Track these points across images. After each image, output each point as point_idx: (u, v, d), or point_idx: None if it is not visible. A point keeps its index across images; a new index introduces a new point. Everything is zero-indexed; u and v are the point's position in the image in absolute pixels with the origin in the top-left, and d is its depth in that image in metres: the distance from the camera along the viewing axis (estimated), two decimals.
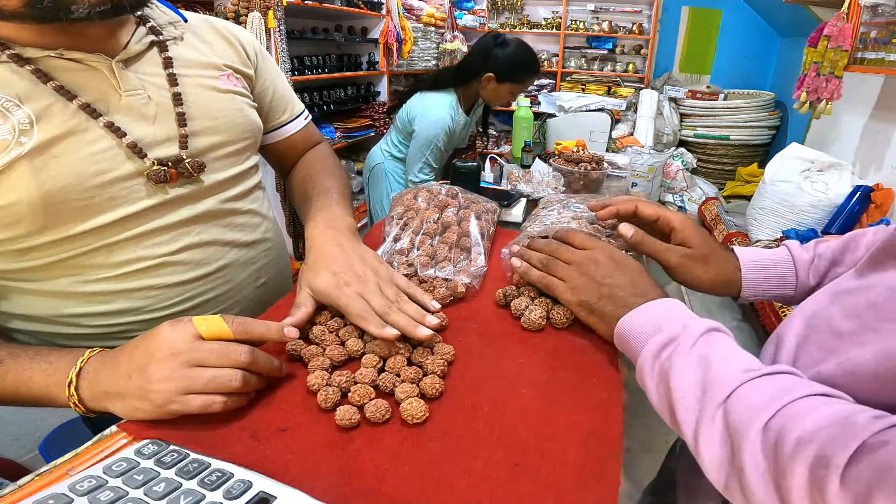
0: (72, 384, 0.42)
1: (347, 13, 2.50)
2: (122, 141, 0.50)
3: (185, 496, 0.33)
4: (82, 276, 0.52)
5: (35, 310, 0.54)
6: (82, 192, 0.48)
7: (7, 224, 0.46)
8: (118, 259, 0.53)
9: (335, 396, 0.42)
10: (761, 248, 0.59)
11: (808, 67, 2.02)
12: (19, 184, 0.44)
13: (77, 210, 0.48)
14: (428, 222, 0.70)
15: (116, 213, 0.51)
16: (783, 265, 0.57)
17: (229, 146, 0.61)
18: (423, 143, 1.51)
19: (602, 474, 0.37)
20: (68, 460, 0.38)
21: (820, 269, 0.56)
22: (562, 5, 3.99)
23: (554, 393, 0.45)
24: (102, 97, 0.50)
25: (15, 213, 0.46)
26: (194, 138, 0.57)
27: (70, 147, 0.47)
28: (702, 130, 3.57)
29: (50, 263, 0.50)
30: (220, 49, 0.64)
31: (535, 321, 0.54)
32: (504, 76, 1.50)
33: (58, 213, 0.47)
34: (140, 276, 0.55)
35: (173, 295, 0.57)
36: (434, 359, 0.47)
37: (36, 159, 0.45)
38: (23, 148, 0.44)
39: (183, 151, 0.55)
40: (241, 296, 0.65)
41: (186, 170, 0.55)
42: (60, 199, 0.47)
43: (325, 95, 2.56)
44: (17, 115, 0.45)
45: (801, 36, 2.59)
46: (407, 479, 0.36)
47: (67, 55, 0.47)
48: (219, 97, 0.60)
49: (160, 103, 0.54)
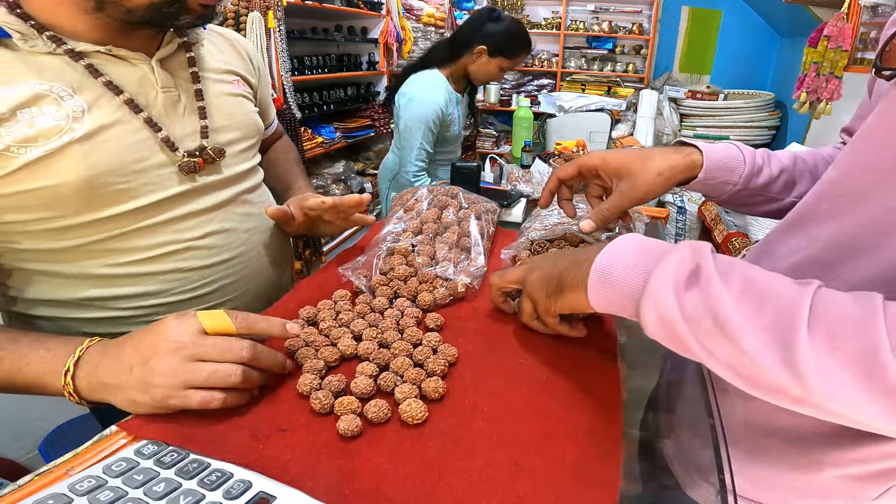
0: (68, 373, 0.42)
1: (347, 13, 2.50)
2: (158, 135, 0.55)
3: (185, 496, 0.33)
4: (112, 259, 0.56)
5: (61, 294, 0.56)
6: (122, 177, 0.53)
7: (49, 204, 0.50)
8: (148, 242, 0.57)
9: (328, 400, 0.42)
10: None
11: (808, 67, 2.02)
12: (69, 165, 0.49)
13: (115, 193, 0.53)
14: (428, 222, 0.70)
15: (150, 198, 0.55)
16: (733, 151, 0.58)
17: (242, 143, 0.67)
18: (413, 125, 1.41)
19: (602, 474, 0.37)
20: (68, 460, 0.38)
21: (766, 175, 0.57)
22: (562, 5, 3.99)
23: (554, 393, 0.45)
24: (142, 91, 0.55)
25: (60, 193, 0.49)
26: (213, 133, 0.62)
27: (114, 135, 0.52)
28: (702, 130, 3.56)
29: (82, 245, 0.53)
30: (231, 57, 0.70)
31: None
32: (496, 50, 1.45)
33: (98, 196, 0.52)
34: (167, 259, 0.58)
35: (196, 278, 0.61)
36: (436, 359, 0.47)
37: (86, 144, 0.50)
38: (75, 133, 0.49)
39: (204, 140, 0.60)
40: (256, 282, 0.68)
41: (209, 156, 0.60)
42: (102, 181, 0.51)
43: (325, 95, 2.56)
44: (71, 104, 0.49)
45: (801, 36, 2.59)
46: (407, 480, 0.36)
47: (115, 52, 0.53)
48: (232, 100, 0.66)
49: (187, 99, 0.59)
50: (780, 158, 0.59)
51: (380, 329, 0.52)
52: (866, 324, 0.29)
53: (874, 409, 0.29)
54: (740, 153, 0.58)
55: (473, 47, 1.46)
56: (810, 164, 0.59)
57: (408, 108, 1.43)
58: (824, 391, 0.30)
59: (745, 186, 0.58)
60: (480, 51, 1.46)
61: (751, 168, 0.57)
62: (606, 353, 0.51)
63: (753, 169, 0.58)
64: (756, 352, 0.31)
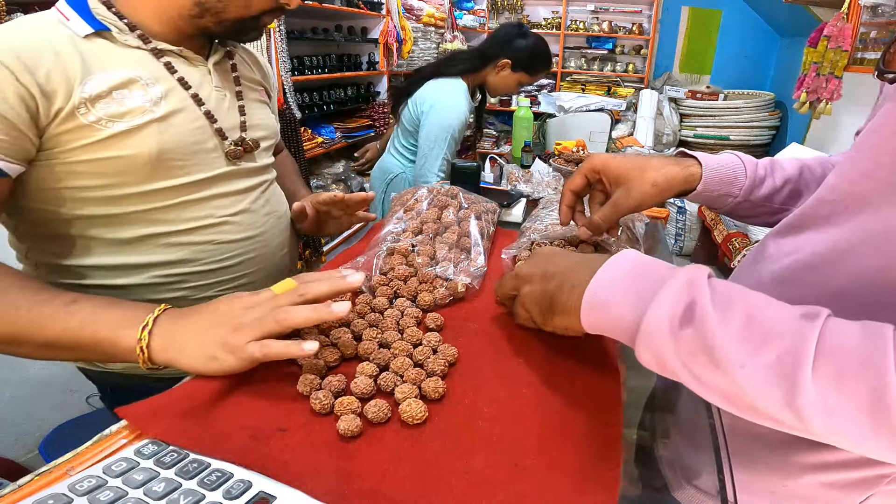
0: (146, 327, 0.46)
1: (347, 13, 2.50)
2: (213, 125, 0.66)
3: (185, 496, 0.33)
4: (158, 228, 0.64)
5: (110, 259, 0.63)
6: (182, 155, 0.62)
7: (122, 171, 0.58)
8: (191, 215, 0.65)
9: (328, 400, 0.42)
10: None
11: (808, 68, 2.02)
12: (145, 140, 0.58)
13: (174, 168, 0.62)
14: (428, 222, 0.71)
15: (199, 175, 0.65)
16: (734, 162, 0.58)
17: (266, 141, 0.77)
18: (438, 134, 1.36)
19: (602, 475, 0.37)
20: (68, 460, 0.38)
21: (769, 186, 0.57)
22: (562, 5, 3.99)
23: (554, 393, 0.45)
24: (201, 88, 0.66)
25: (134, 162, 0.58)
26: (249, 130, 0.72)
27: (181, 121, 0.62)
28: (702, 130, 3.56)
29: (135, 213, 0.61)
30: (256, 69, 0.81)
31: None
32: (520, 65, 1.48)
33: (162, 168, 0.61)
34: (204, 231, 0.67)
35: (225, 251, 0.69)
36: (436, 359, 0.47)
37: (161, 124, 0.60)
38: (153, 115, 0.59)
39: (243, 133, 0.71)
40: (271, 262, 0.76)
41: (248, 146, 0.71)
42: (168, 156, 0.61)
43: (325, 95, 2.56)
44: (153, 91, 0.60)
45: (801, 36, 2.59)
46: (407, 480, 0.36)
47: (184, 53, 0.64)
48: (259, 105, 0.77)
49: (231, 99, 0.70)
50: (784, 169, 0.59)
51: (380, 329, 0.52)
52: (873, 361, 0.28)
53: (878, 445, 0.29)
54: (742, 165, 0.58)
55: (499, 60, 1.47)
56: (818, 174, 0.59)
57: (431, 117, 1.39)
58: (825, 426, 0.29)
59: (746, 198, 0.57)
60: (504, 64, 1.47)
61: (752, 180, 0.57)
62: (606, 353, 0.51)
63: (755, 181, 0.57)
64: (757, 390, 0.30)
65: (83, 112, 0.54)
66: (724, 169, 0.57)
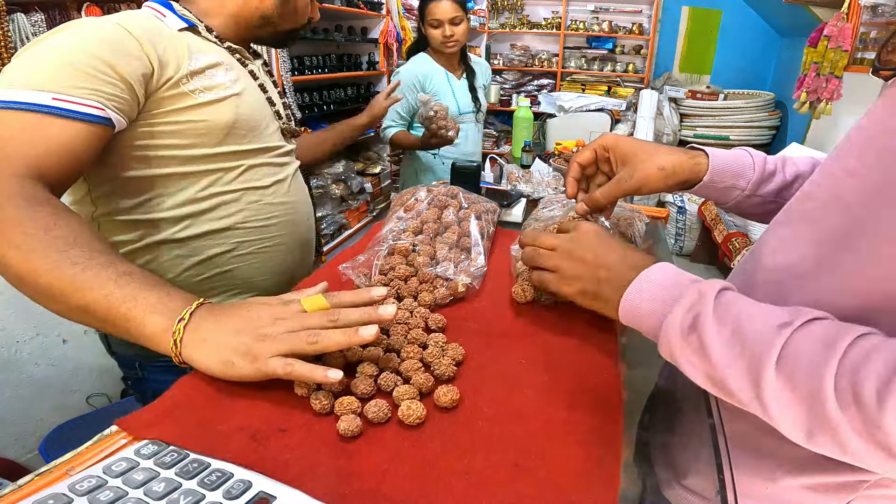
0: (183, 321, 0.45)
1: (347, 13, 2.50)
2: (272, 108, 0.82)
3: (185, 496, 0.33)
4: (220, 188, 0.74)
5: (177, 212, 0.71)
6: (248, 123, 0.75)
7: (202, 133, 0.69)
8: (247, 177, 0.77)
9: (328, 400, 0.42)
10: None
11: (808, 68, 2.02)
12: (225, 109, 0.71)
13: (241, 135, 0.74)
14: (428, 222, 0.70)
15: (259, 144, 0.78)
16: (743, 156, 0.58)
17: None
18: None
19: (602, 474, 0.37)
20: (68, 460, 0.38)
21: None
22: (562, 5, 3.99)
23: (554, 393, 0.45)
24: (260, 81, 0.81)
25: (214, 126, 0.70)
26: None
27: (250, 99, 0.76)
28: (702, 131, 3.56)
29: (203, 171, 0.72)
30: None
31: (519, 294, 0.58)
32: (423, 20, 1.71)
33: (233, 134, 0.73)
34: (255, 192, 0.78)
35: (265, 212, 0.79)
36: (443, 361, 0.47)
37: (238, 99, 0.73)
38: (232, 90, 0.72)
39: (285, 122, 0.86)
40: (300, 228, 0.87)
41: (295, 130, 0.89)
42: (239, 125, 0.73)
43: (325, 95, 2.56)
44: (231, 74, 0.73)
45: (801, 36, 2.59)
46: (407, 480, 0.36)
47: (245, 53, 0.80)
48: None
49: (271, 91, 0.84)
50: (797, 164, 0.58)
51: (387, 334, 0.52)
52: (821, 364, 0.32)
53: (823, 440, 0.33)
54: (750, 158, 0.57)
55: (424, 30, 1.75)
56: None
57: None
58: (783, 419, 0.34)
59: (754, 192, 0.57)
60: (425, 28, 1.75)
61: (761, 173, 0.57)
62: (607, 353, 0.51)
63: (763, 175, 0.57)
64: (739, 390, 0.36)
65: (184, 82, 0.67)
66: (732, 161, 0.56)
